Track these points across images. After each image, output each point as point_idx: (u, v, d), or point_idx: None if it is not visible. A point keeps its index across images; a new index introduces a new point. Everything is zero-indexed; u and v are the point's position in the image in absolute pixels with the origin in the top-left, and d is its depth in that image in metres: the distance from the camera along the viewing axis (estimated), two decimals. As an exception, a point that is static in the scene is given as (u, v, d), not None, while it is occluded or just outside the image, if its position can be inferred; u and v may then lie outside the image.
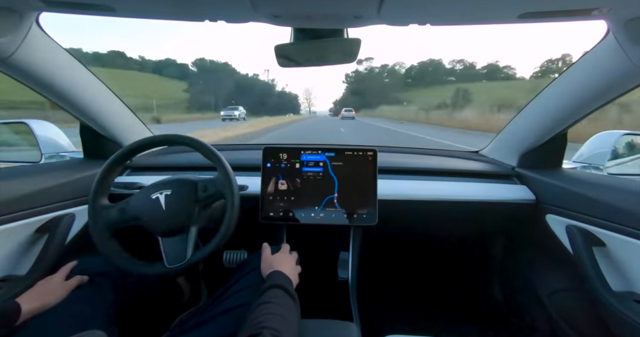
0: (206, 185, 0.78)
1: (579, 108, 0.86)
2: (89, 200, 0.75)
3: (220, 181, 0.77)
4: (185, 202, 0.75)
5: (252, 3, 0.53)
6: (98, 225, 0.74)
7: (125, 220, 0.75)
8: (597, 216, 0.79)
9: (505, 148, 1.17)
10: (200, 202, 0.76)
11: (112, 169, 0.79)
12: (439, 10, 0.58)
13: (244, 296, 0.68)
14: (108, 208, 0.76)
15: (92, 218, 0.74)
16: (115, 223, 0.75)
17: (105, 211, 0.75)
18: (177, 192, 0.76)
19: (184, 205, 0.75)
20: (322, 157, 0.97)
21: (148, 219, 0.74)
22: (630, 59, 0.66)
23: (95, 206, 0.75)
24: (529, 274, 1.10)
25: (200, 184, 0.78)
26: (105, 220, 0.74)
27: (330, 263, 1.00)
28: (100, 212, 0.75)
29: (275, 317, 0.52)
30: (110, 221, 0.74)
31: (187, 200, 0.75)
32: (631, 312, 0.67)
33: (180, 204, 0.75)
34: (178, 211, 0.74)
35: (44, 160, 1.14)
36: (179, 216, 0.74)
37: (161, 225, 0.74)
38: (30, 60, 0.75)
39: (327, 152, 0.97)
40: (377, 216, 0.94)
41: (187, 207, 0.75)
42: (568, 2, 0.53)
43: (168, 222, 0.74)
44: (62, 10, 0.64)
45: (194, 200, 0.76)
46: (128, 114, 1.13)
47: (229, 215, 0.74)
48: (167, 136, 0.83)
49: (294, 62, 0.76)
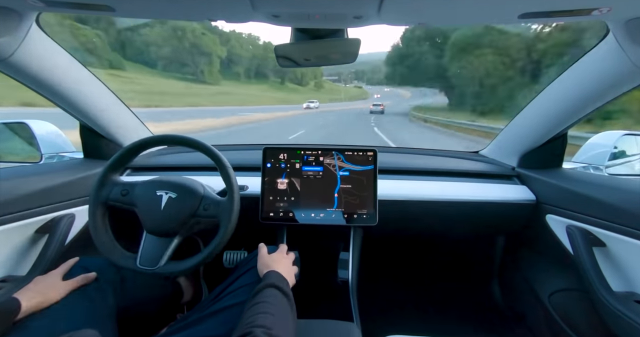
0: (210, 205, 0.77)
1: (579, 108, 0.86)
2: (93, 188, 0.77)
3: (224, 205, 0.76)
4: (183, 211, 0.75)
5: (252, 3, 0.53)
6: (99, 197, 0.76)
7: (123, 201, 0.77)
8: (598, 216, 0.79)
9: (506, 148, 1.17)
10: (197, 217, 0.77)
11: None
12: (439, 10, 0.58)
13: (241, 294, 0.69)
14: (113, 184, 0.78)
15: (95, 190, 0.76)
16: (113, 200, 0.77)
17: (109, 186, 0.78)
18: (181, 199, 0.76)
19: (181, 213, 0.75)
20: (322, 157, 0.97)
21: (143, 211, 0.75)
22: (630, 59, 0.66)
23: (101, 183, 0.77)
24: (529, 274, 1.10)
25: (205, 201, 0.77)
26: (107, 194, 0.76)
27: (331, 263, 1.00)
28: (104, 186, 0.77)
29: (267, 315, 0.53)
30: (111, 196, 0.77)
31: (186, 210, 0.75)
32: (631, 312, 0.67)
33: (178, 211, 0.75)
34: (173, 216, 0.75)
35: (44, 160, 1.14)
36: (171, 221, 0.75)
37: (152, 222, 0.75)
38: (30, 60, 0.75)
39: (327, 152, 0.97)
40: (377, 216, 0.94)
41: (182, 216, 0.75)
42: (568, 2, 0.53)
43: (159, 222, 0.75)
44: (62, 10, 0.64)
45: (192, 213, 0.76)
46: (128, 114, 1.13)
47: (216, 242, 0.74)
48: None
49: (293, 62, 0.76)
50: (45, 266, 0.79)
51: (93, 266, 0.74)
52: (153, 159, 1.19)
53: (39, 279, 0.67)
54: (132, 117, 1.15)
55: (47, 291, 0.64)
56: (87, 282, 0.70)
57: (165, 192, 0.76)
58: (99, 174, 0.77)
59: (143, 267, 0.73)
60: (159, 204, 0.75)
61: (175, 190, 0.77)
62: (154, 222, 0.75)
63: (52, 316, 0.61)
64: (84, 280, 0.69)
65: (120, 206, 0.77)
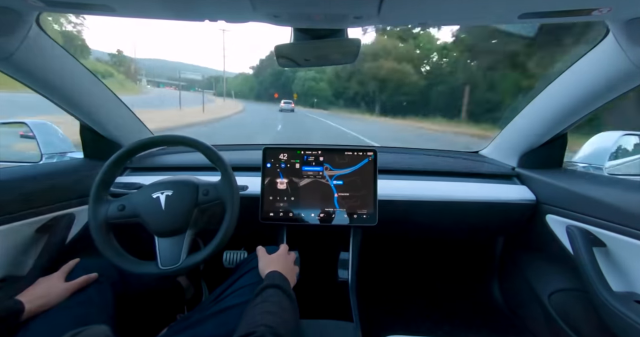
0: (208, 189, 0.77)
1: (579, 108, 0.86)
2: (90, 196, 0.75)
3: (221, 186, 0.77)
4: (185, 204, 0.75)
5: (252, 3, 0.53)
6: (97, 219, 0.74)
7: (124, 215, 0.75)
8: (597, 216, 0.79)
9: (505, 148, 1.17)
10: (200, 205, 0.76)
11: (112, 168, 0.79)
12: (439, 10, 0.58)
13: (242, 294, 0.69)
14: (109, 202, 0.76)
15: (92, 211, 0.74)
16: (113, 218, 0.75)
17: (105, 205, 0.75)
18: (178, 193, 0.76)
19: (183, 207, 0.75)
20: (322, 157, 0.97)
21: (147, 217, 0.74)
22: (630, 59, 0.66)
23: (96, 200, 0.75)
24: (529, 274, 1.10)
25: (202, 188, 0.78)
26: (105, 214, 0.74)
27: (330, 263, 1.00)
28: (100, 206, 0.75)
29: (271, 315, 0.53)
30: (110, 215, 0.74)
31: (187, 202, 0.75)
32: (631, 312, 0.67)
33: (180, 206, 0.75)
34: (177, 213, 0.75)
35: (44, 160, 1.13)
36: (177, 217, 0.75)
37: (159, 225, 0.74)
38: (30, 60, 0.75)
39: (327, 153, 0.97)
40: (377, 216, 0.94)
41: (186, 210, 0.75)
42: (568, 2, 0.53)
43: (166, 222, 0.74)
44: (62, 10, 0.64)
45: (194, 203, 0.76)
46: (128, 114, 1.13)
47: (228, 220, 0.74)
48: (167, 136, 0.83)
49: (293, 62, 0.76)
50: (45, 266, 0.79)
51: (94, 267, 0.74)
52: (153, 159, 1.19)
53: (40, 281, 0.67)
54: (132, 117, 1.15)
55: (49, 293, 0.64)
56: (88, 284, 0.70)
57: (161, 192, 0.76)
58: (91, 192, 0.75)
59: (166, 268, 0.72)
60: (159, 205, 0.74)
61: (170, 187, 0.76)
62: (160, 225, 0.74)
63: (54, 318, 0.62)
64: (85, 281, 0.70)
65: (122, 221, 0.75)
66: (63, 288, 0.66)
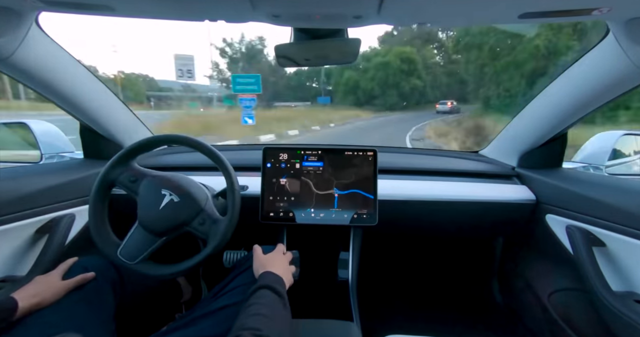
0: (206, 221, 0.76)
1: (579, 108, 0.86)
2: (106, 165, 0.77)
3: (218, 228, 0.75)
4: (179, 218, 0.75)
5: (252, 3, 0.53)
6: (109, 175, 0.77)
7: (128, 187, 0.77)
8: (597, 216, 0.79)
9: (505, 148, 1.17)
10: (189, 227, 0.76)
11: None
12: (439, 10, 0.58)
13: (237, 294, 0.69)
14: (127, 168, 0.79)
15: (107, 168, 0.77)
16: (120, 182, 0.77)
17: (123, 168, 0.78)
18: (181, 205, 0.76)
19: (176, 219, 0.75)
20: (322, 157, 0.97)
21: (142, 204, 0.75)
22: (630, 59, 0.66)
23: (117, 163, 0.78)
24: (529, 274, 1.10)
25: (202, 214, 0.77)
26: (117, 174, 0.77)
27: (330, 263, 1.00)
28: (118, 167, 0.78)
29: (258, 317, 0.53)
30: (120, 178, 0.77)
31: (181, 218, 0.75)
32: (631, 312, 0.67)
33: (173, 217, 0.75)
34: (167, 219, 0.75)
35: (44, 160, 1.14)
36: (164, 223, 0.75)
37: (146, 217, 0.75)
38: (30, 60, 0.75)
39: (327, 153, 0.97)
40: (377, 216, 0.94)
41: (176, 223, 0.75)
42: (568, 2, 0.53)
43: (153, 219, 0.75)
44: (61, 10, 0.64)
45: (186, 223, 0.76)
46: (128, 114, 1.13)
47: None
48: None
49: (294, 62, 0.76)
50: (45, 266, 0.79)
51: (92, 266, 0.74)
52: (153, 159, 1.19)
53: (37, 279, 0.67)
54: (132, 117, 1.15)
55: (45, 291, 0.64)
56: (85, 282, 0.70)
57: (170, 193, 0.76)
58: (117, 154, 0.78)
59: (121, 258, 0.73)
60: (159, 202, 0.74)
61: (180, 194, 0.76)
62: (147, 218, 0.75)
63: (49, 316, 0.61)
64: (82, 280, 0.69)
65: (125, 190, 0.77)
66: (59, 286, 0.66)
